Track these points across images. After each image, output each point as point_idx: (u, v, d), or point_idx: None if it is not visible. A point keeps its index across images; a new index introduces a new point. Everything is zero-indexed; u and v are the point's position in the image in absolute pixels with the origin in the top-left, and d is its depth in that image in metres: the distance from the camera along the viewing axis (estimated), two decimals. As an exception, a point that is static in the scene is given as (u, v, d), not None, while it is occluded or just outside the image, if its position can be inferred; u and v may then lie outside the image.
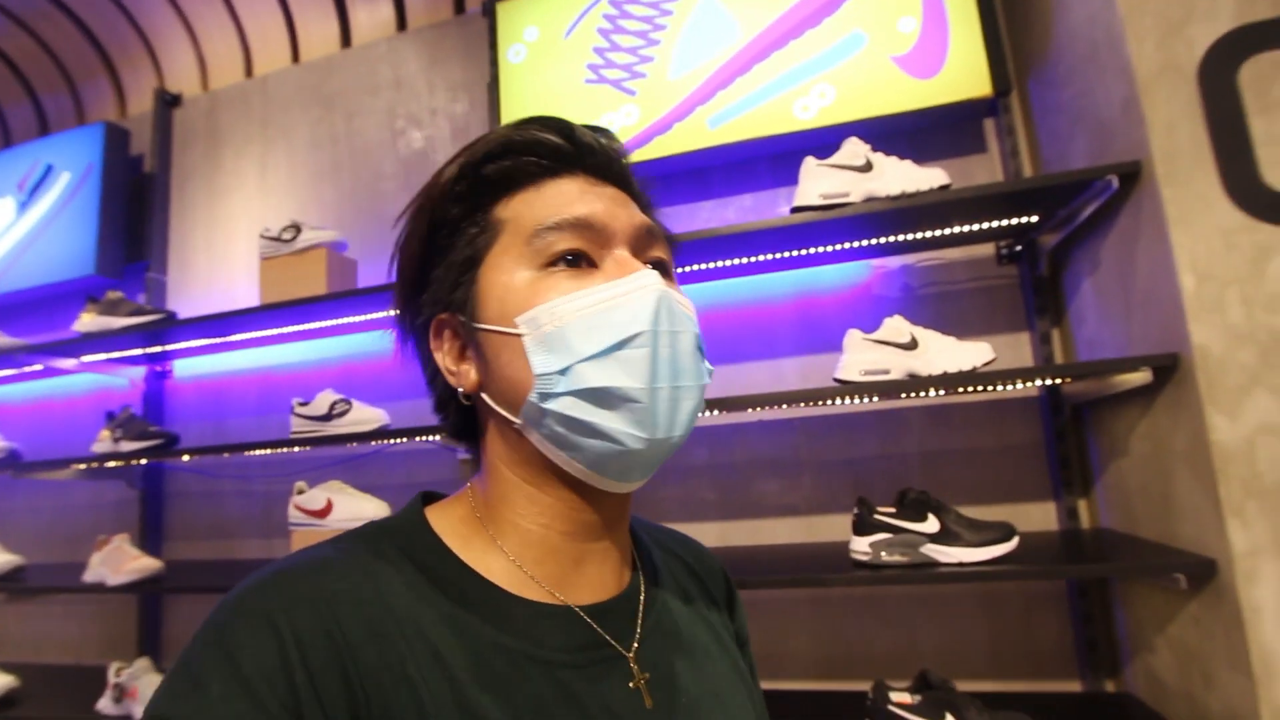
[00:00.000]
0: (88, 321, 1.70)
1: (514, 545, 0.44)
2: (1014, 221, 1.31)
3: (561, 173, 0.45)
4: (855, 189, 1.17)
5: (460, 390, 0.45)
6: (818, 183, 1.19)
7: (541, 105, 1.68)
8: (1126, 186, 1.10)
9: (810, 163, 1.21)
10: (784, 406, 1.46)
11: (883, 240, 1.35)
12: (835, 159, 1.20)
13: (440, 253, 0.45)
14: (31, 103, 2.48)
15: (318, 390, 1.52)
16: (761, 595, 1.48)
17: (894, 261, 1.52)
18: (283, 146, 2.11)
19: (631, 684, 0.42)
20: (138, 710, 1.52)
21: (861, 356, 1.18)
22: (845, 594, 1.45)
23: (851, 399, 1.23)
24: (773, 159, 1.59)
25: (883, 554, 1.14)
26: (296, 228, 1.55)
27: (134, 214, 2.19)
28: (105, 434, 1.66)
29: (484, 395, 0.44)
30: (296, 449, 1.60)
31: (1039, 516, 1.39)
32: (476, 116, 1.88)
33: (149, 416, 1.99)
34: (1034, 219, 1.29)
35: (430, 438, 1.40)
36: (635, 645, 0.44)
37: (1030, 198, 1.20)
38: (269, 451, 1.70)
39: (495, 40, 1.75)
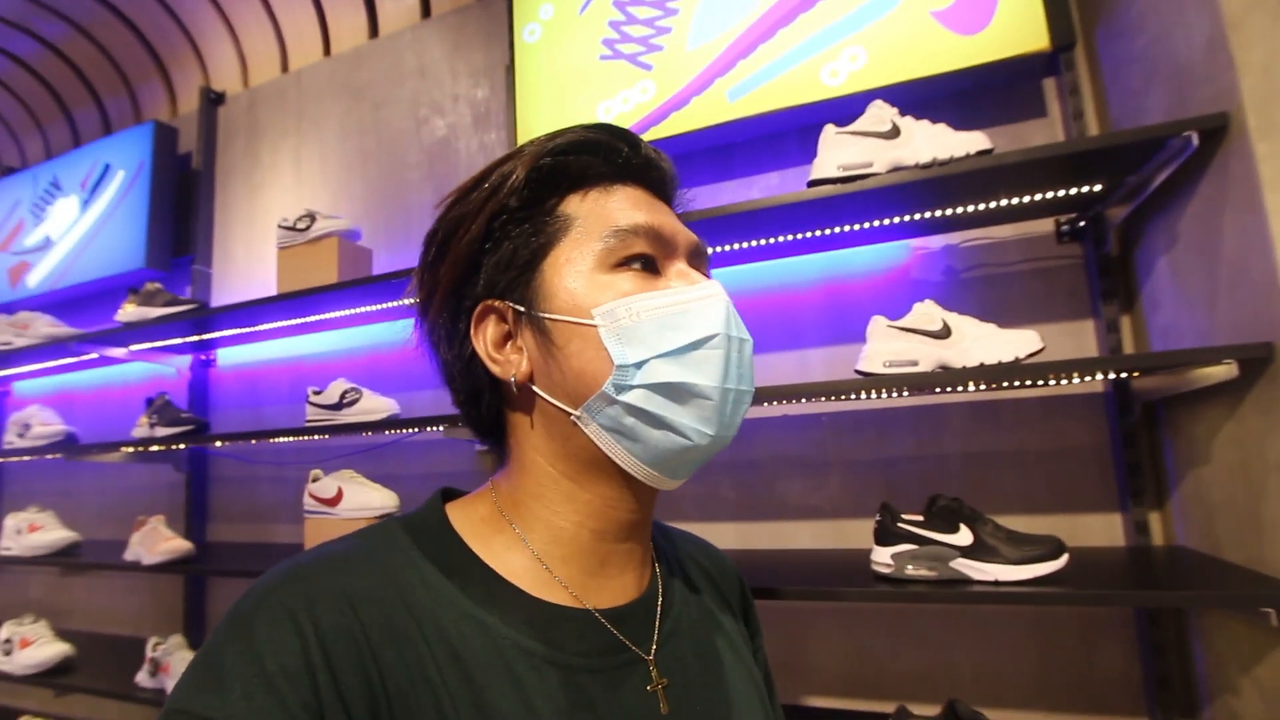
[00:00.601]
0: (129, 312, 1.76)
1: (541, 542, 0.44)
2: (1075, 192, 1.14)
3: (627, 181, 0.47)
4: (880, 158, 1.04)
5: (512, 379, 0.44)
6: (837, 152, 1.06)
7: (557, 86, 1.61)
8: (1210, 145, 0.92)
9: (830, 131, 1.09)
10: (808, 400, 1.35)
11: (919, 217, 1.21)
12: (857, 125, 1.07)
13: (497, 241, 0.45)
14: (96, 105, 2.62)
15: (333, 380, 1.52)
16: (782, 601, 1.38)
17: (935, 241, 1.37)
18: (315, 139, 2.14)
19: (649, 688, 0.43)
20: (170, 685, 1.57)
21: (886, 346, 1.06)
22: (873, 604, 1.32)
23: (883, 393, 1.10)
24: (801, 132, 1.46)
25: (908, 568, 1.02)
26: (311, 217, 1.55)
27: (181, 209, 2.27)
28: (143, 420, 1.72)
29: (535, 386, 0.45)
30: (317, 437, 1.61)
31: (1102, 530, 1.22)
32: (496, 101, 1.83)
33: (194, 404, 2.07)
34: (1098, 188, 1.12)
35: (438, 428, 1.37)
36: (653, 649, 0.45)
37: (1093, 161, 1.03)
38: (294, 439, 1.72)
39: (512, 21, 1.70)
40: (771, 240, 1.30)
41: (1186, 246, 1.03)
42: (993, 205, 1.18)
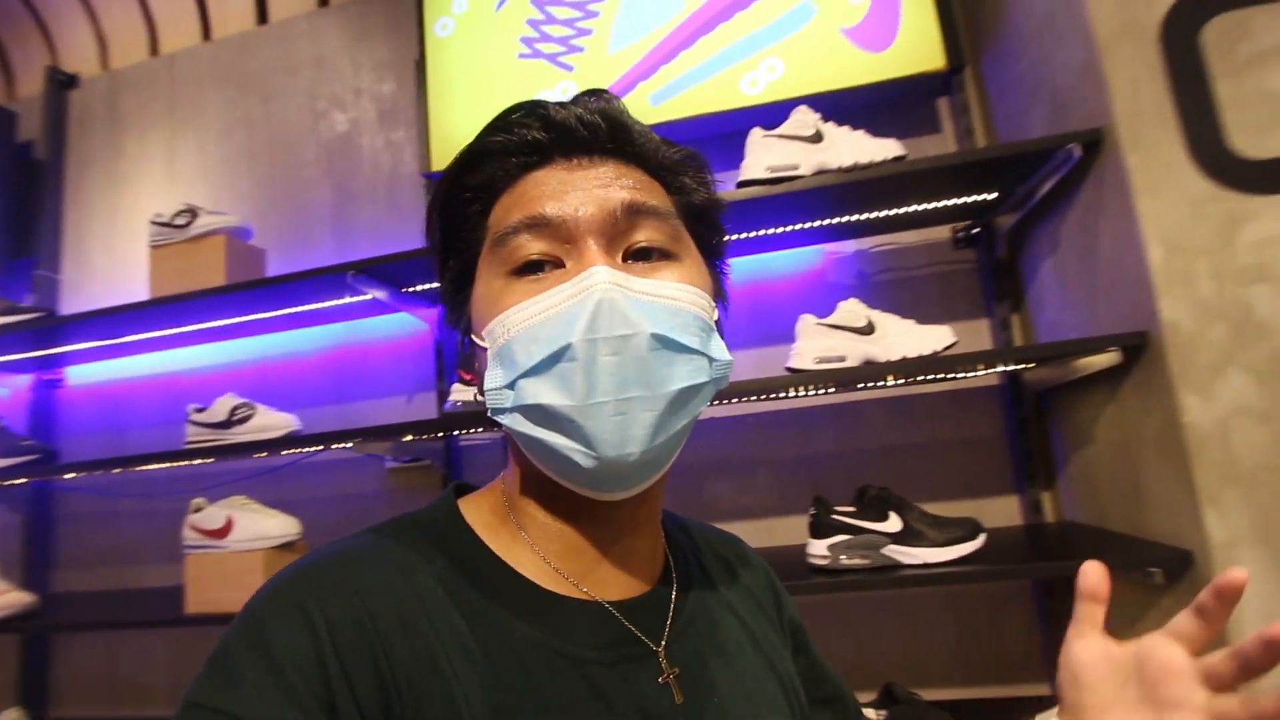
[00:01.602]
0: (-47, 322, 1.49)
1: (539, 539, 0.43)
2: (970, 199, 1.24)
3: (540, 165, 0.42)
4: (805, 161, 1.08)
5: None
6: (765, 154, 1.09)
7: (472, 82, 1.55)
8: (1088, 158, 1.04)
9: (757, 133, 1.12)
10: (736, 401, 1.37)
11: (835, 221, 1.27)
12: (784, 129, 1.11)
13: (445, 265, 0.45)
14: (-96, 83, 2.22)
15: (216, 397, 1.35)
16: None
17: (847, 246, 1.44)
18: (193, 131, 1.93)
19: (661, 679, 0.41)
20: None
21: (816, 343, 1.09)
22: (805, 601, 1.34)
23: (807, 391, 1.13)
24: (720, 139, 1.49)
25: (842, 557, 1.04)
26: (192, 212, 1.38)
27: (20, 205, 1.96)
28: (-29, 449, 1.45)
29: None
30: (198, 461, 1.43)
31: (1003, 511, 1.32)
32: (405, 96, 1.74)
33: (36, 430, 1.78)
34: (991, 196, 1.23)
35: (346, 444, 1.25)
36: (665, 641, 0.43)
37: (988, 170, 1.13)
38: (170, 465, 1.52)
39: (422, 14, 1.62)
40: (699, 242, 1.31)
41: (1069, 250, 1.15)
42: (900, 211, 1.26)
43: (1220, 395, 0.89)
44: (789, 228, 1.27)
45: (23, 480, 1.48)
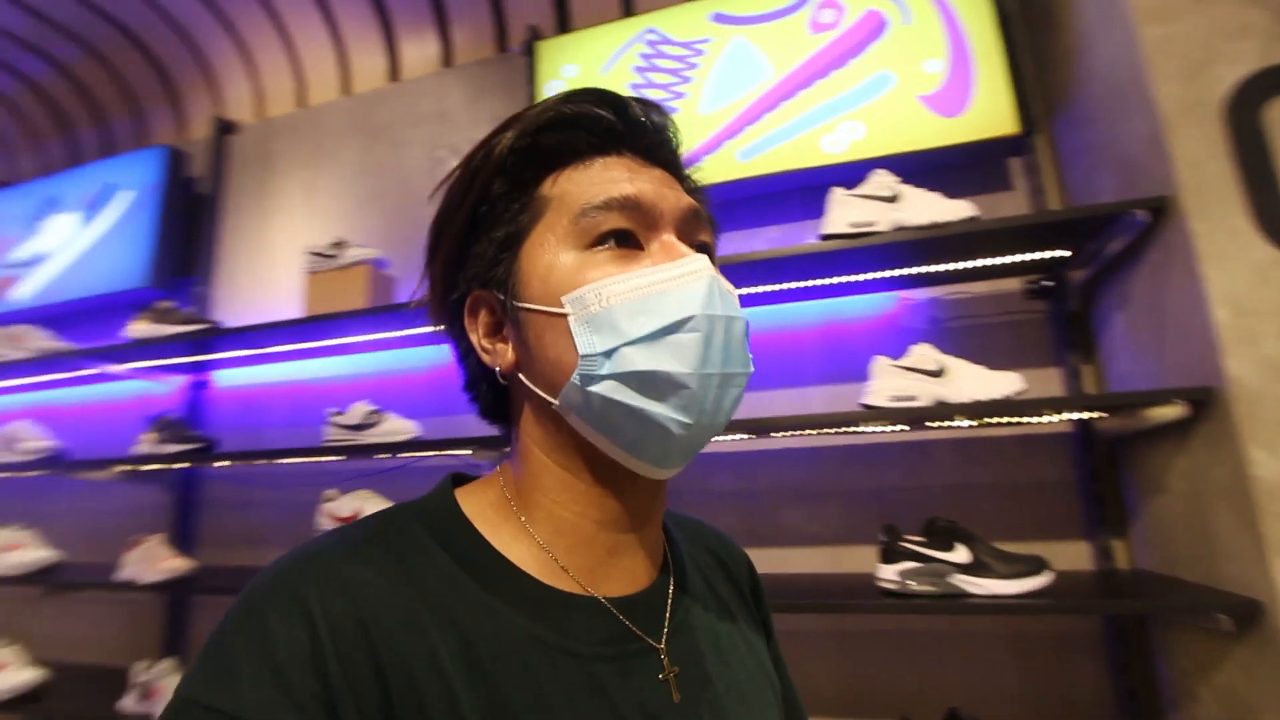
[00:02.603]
0: (140, 329, 1.78)
1: (546, 533, 0.43)
2: (1042, 256, 1.32)
3: (610, 150, 0.44)
4: (883, 218, 1.20)
5: (497, 369, 0.45)
6: (846, 211, 1.22)
7: (579, 136, 1.75)
8: (1155, 222, 1.11)
9: (838, 193, 1.25)
10: (811, 433, 1.47)
11: (910, 271, 1.37)
12: (862, 189, 1.24)
13: (481, 228, 0.44)
14: (98, 126, 2.64)
15: (350, 403, 1.56)
16: (783, 625, 1.46)
17: (920, 294, 1.54)
18: (329, 172, 2.22)
19: (661, 676, 0.42)
20: (158, 710, 1.53)
21: (889, 382, 1.19)
22: (870, 627, 1.42)
23: (879, 428, 1.23)
24: (802, 192, 1.63)
25: (910, 583, 1.12)
26: (342, 244, 1.62)
27: (187, 232, 2.30)
28: (148, 436, 1.72)
29: (521, 375, 0.44)
30: (327, 459, 1.64)
31: (1071, 556, 1.35)
32: (515, 147, 1.96)
33: (188, 423, 2.06)
34: (1063, 254, 1.30)
35: (463, 451, 1.43)
36: (664, 638, 0.44)
37: (1059, 231, 1.21)
38: (300, 461, 1.75)
39: (534, 76, 1.84)
40: (780, 286, 1.44)
41: (1138, 305, 1.21)
42: (973, 264, 1.35)
43: (1286, 450, 0.93)
44: (865, 276, 1.39)
45: (183, 465, 1.73)
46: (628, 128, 0.45)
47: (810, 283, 1.41)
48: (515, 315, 0.43)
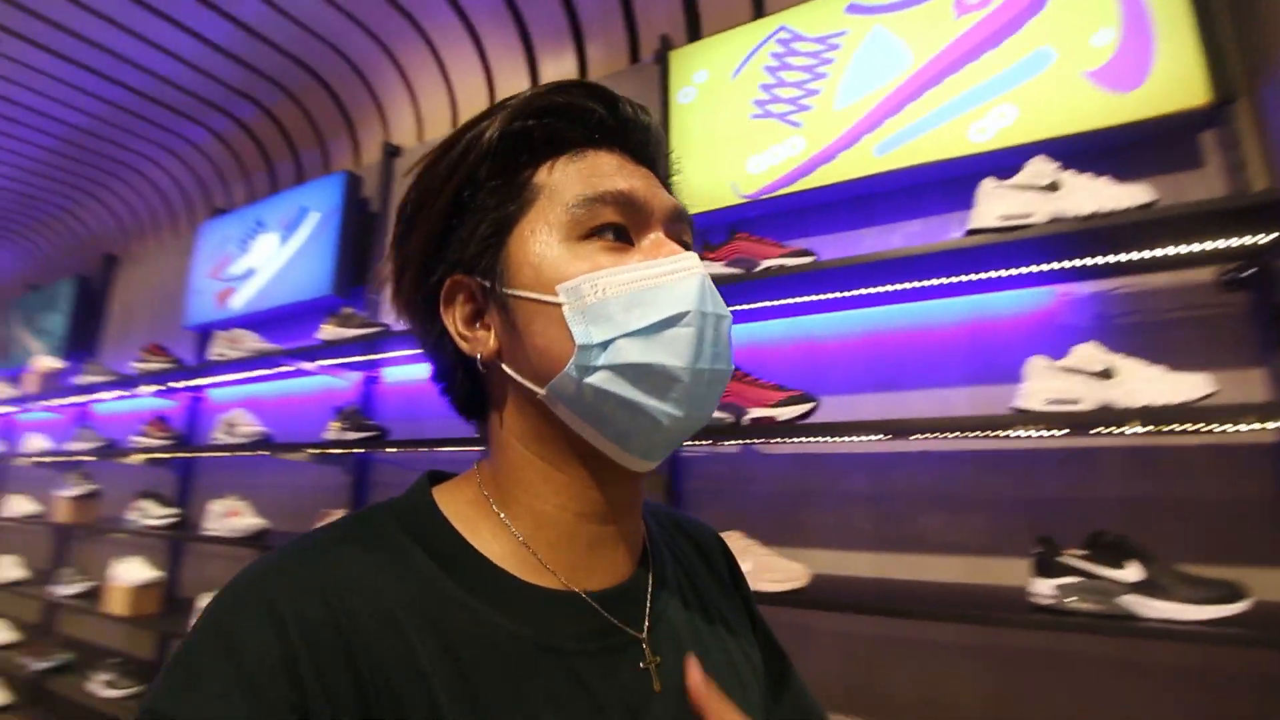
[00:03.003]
0: (328, 331, 2.06)
1: (526, 527, 0.43)
2: (1242, 242, 1.16)
3: (601, 145, 0.44)
4: (1040, 209, 1.11)
5: (478, 357, 0.43)
6: (997, 204, 1.15)
7: (709, 141, 1.78)
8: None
9: (988, 185, 1.18)
10: (953, 436, 1.40)
11: (1075, 264, 1.26)
12: (1017, 179, 1.16)
13: (465, 213, 0.43)
14: (293, 157, 3.08)
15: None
16: (919, 635, 1.41)
17: (1084, 288, 1.40)
18: (479, 186, 2.43)
19: (642, 665, 0.42)
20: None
21: (1046, 384, 1.11)
22: (1022, 644, 1.32)
23: (1034, 432, 1.15)
24: (945, 184, 1.55)
25: (1070, 600, 1.05)
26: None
27: (361, 246, 2.63)
28: (334, 425, 1.99)
29: (504, 365, 0.43)
30: (476, 449, 1.81)
31: (1273, 585, 1.18)
32: (646, 153, 2.03)
33: (363, 414, 2.35)
34: (1268, 237, 1.14)
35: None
36: (645, 629, 0.44)
37: (1264, 213, 1.06)
38: (457, 450, 1.94)
39: (666, 84, 1.90)
40: (922, 284, 1.38)
41: (1371, 298, 1.03)
42: (1152, 254, 1.22)
43: None
44: (1018, 270, 1.30)
45: (360, 450, 1.99)
46: (619, 124, 0.45)
47: (955, 279, 1.34)
48: (503, 302, 0.42)
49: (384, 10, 2.39)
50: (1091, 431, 1.20)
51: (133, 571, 2.35)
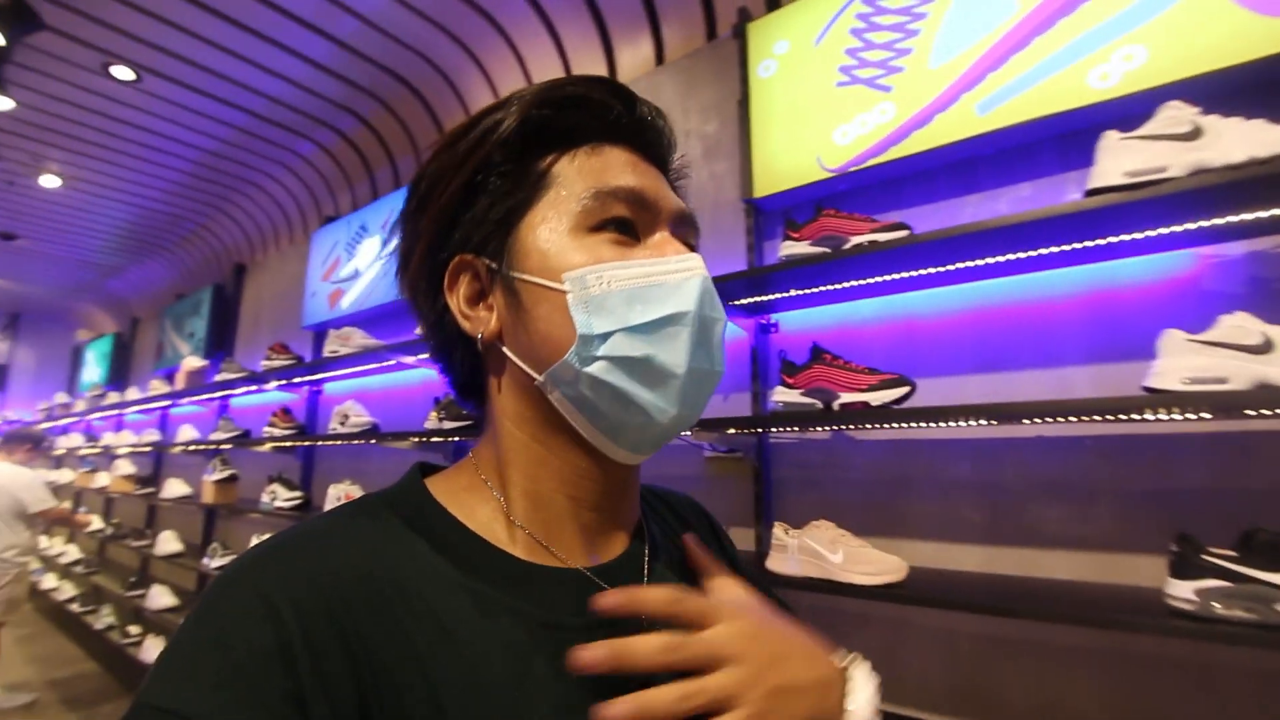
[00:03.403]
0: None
1: (523, 508, 0.43)
2: None
3: (616, 141, 0.45)
4: (1177, 161, 0.97)
5: (479, 336, 0.44)
6: (1122, 159, 1.02)
7: (793, 114, 1.71)
8: None
9: (1111, 138, 1.04)
10: (1072, 420, 1.27)
11: (1220, 221, 1.10)
12: (1147, 129, 1.02)
13: (478, 195, 0.43)
14: (390, 165, 3.27)
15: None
16: (1033, 635, 1.30)
17: (1234, 248, 1.22)
18: (560, 179, 2.47)
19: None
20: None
21: (1185, 361, 0.98)
22: (1155, 651, 1.19)
23: (1167, 414, 1.02)
24: (1059, 140, 1.40)
25: (1215, 605, 0.92)
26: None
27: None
28: (434, 414, 2.11)
29: (504, 347, 0.44)
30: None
31: None
32: (726, 133, 1.98)
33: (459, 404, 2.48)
34: None
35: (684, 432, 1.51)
36: None
37: None
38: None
39: (745, 59, 1.84)
40: (1033, 253, 1.26)
41: None
42: (1322, 205, 1.04)
43: None
44: (1151, 232, 1.15)
45: (457, 439, 2.09)
46: (634, 122, 0.46)
47: (1072, 246, 1.21)
48: (510, 284, 0.43)
49: (462, 11, 2.46)
50: (1245, 414, 1.04)
51: (268, 548, 2.60)
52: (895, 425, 1.48)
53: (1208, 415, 1.06)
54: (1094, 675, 1.24)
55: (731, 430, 1.53)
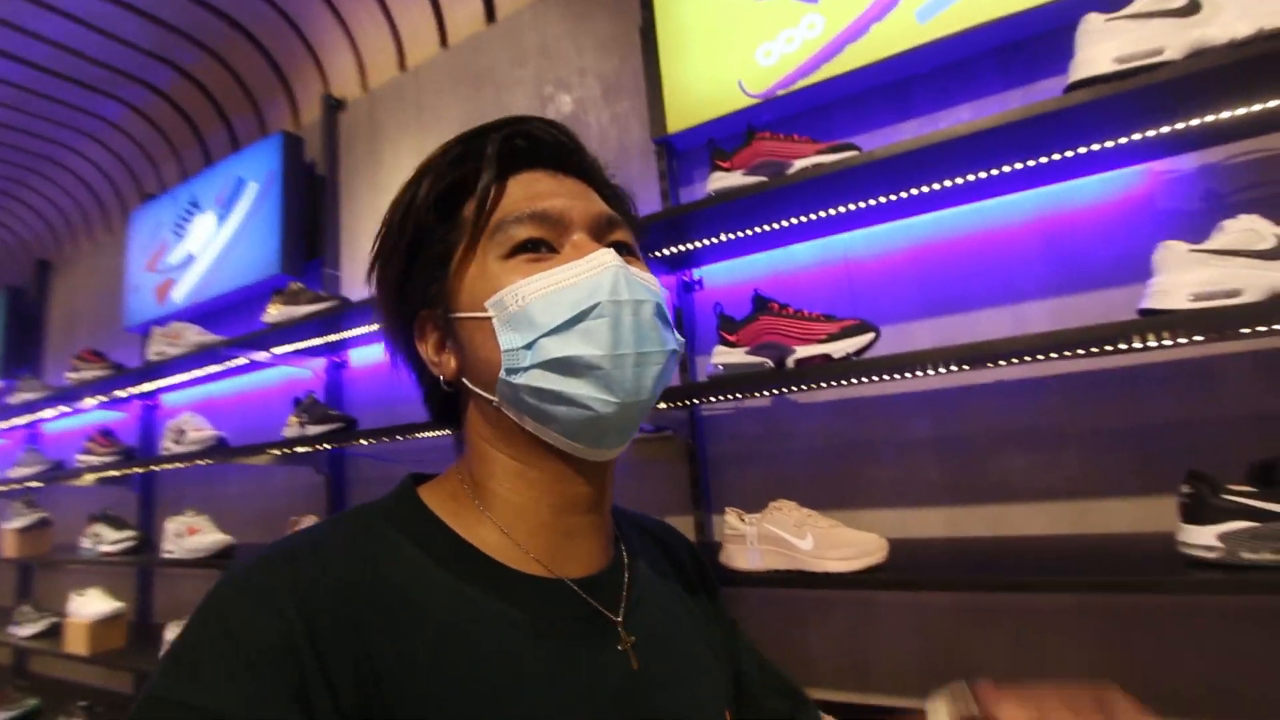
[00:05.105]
0: (274, 313, 1.76)
1: (506, 520, 0.46)
2: None
3: (523, 168, 0.48)
4: (1174, 41, 0.83)
5: (442, 379, 0.48)
6: (1109, 43, 0.86)
7: (707, 37, 1.48)
8: None
9: (1095, 20, 0.89)
10: (1032, 360, 1.14)
11: (1216, 118, 0.96)
12: (1136, 6, 0.87)
13: (418, 256, 0.47)
14: (224, 125, 2.72)
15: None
16: (1011, 598, 1.17)
17: (1186, 161, 1.13)
18: (437, 132, 2.11)
19: (621, 647, 0.45)
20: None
21: (1190, 276, 0.85)
22: (1160, 606, 1.08)
23: (1174, 340, 0.89)
24: (1000, 52, 1.26)
25: (1243, 552, 0.80)
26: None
27: (310, 215, 2.30)
28: (293, 420, 1.71)
29: (465, 380, 0.47)
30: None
31: None
32: (628, 67, 1.73)
33: (331, 405, 2.07)
34: None
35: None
36: (622, 614, 0.47)
37: None
38: (435, 435, 1.67)
39: (646, -20, 1.58)
40: (994, 172, 1.11)
41: None
42: (1292, 102, 0.94)
43: None
44: (1132, 137, 1.01)
45: (325, 447, 1.71)
46: (534, 146, 0.48)
47: (1036, 160, 1.07)
48: (452, 326, 0.46)
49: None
50: (1258, 331, 0.92)
51: (90, 605, 2.08)
52: (845, 382, 1.30)
53: (1199, 338, 0.95)
54: (1077, 630, 1.13)
55: (659, 405, 1.29)
